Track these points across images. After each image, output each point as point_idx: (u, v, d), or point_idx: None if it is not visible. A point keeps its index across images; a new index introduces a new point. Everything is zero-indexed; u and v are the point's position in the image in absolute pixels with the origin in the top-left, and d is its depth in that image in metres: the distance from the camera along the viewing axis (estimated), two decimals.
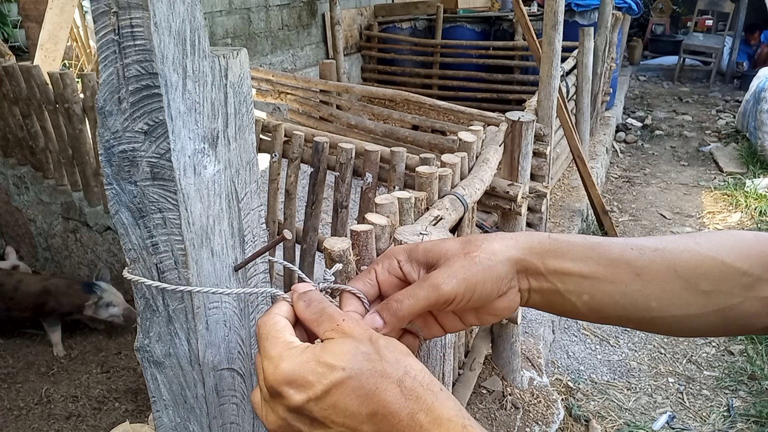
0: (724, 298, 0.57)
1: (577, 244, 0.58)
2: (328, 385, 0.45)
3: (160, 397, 0.63)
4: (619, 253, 0.58)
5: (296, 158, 2.74)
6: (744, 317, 0.57)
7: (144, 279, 0.57)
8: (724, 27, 10.51)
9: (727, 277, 0.57)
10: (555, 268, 0.58)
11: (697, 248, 0.57)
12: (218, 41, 5.49)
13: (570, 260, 0.58)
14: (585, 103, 4.79)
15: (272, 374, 0.47)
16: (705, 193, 5.46)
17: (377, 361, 0.46)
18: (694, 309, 0.57)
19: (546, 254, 0.58)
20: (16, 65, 3.35)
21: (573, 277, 0.58)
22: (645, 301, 0.57)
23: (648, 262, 0.57)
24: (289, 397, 0.46)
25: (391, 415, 0.44)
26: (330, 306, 0.52)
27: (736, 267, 0.56)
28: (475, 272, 0.55)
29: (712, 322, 0.58)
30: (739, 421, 2.78)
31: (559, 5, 3.22)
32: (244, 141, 0.60)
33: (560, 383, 2.95)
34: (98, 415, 2.83)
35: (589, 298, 0.58)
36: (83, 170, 3.40)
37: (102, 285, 3.22)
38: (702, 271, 0.57)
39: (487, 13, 7.80)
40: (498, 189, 2.11)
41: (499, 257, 0.57)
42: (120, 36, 0.48)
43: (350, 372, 0.45)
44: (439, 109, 4.06)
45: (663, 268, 0.57)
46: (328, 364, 0.46)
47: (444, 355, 1.62)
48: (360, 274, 0.59)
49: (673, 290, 0.57)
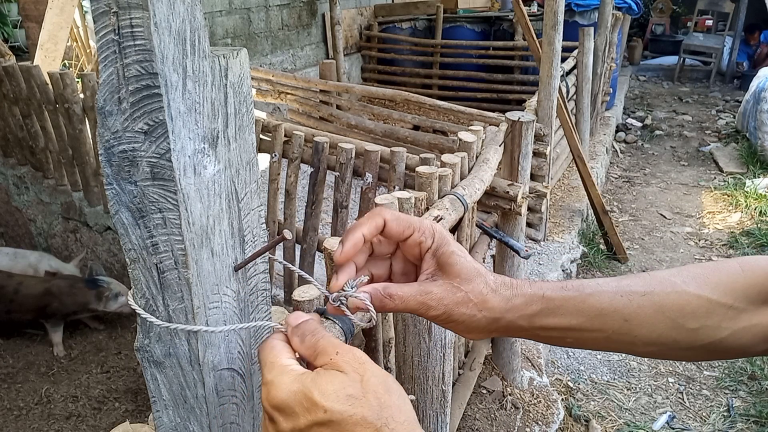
0: (711, 333, 0.59)
1: (570, 299, 0.59)
2: (310, 423, 0.46)
3: (160, 397, 0.63)
4: (608, 303, 0.59)
5: (296, 158, 2.74)
6: (735, 347, 0.59)
7: (155, 320, 0.57)
8: (724, 27, 10.51)
9: (713, 313, 0.58)
10: (540, 325, 0.60)
11: (684, 287, 0.59)
12: (218, 41, 5.49)
13: (558, 316, 0.59)
14: (585, 103, 4.79)
15: (265, 399, 0.49)
16: (705, 193, 5.46)
17: (360, 406, 0.46)
18: (681, 345, 0.60)
19: (536, 315, 0.60)
20: (16, 65, 3.35)
21: (559, 329, 0.60)
22: (631, 341, 0.60)
23: (636, 307, 0.59)
24: (279, 422, 0.48)
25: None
26: (323, 338, 0.52)
27: (722, 302, 0.58)
28: (461, 312, 0.58)
29: (700, 354, 0.61)
30: (739, 421, 2.78)
31: (559, 5, 3.22)
32: (244, 141, 0.60)
33: (560, 383, 2.95)
34: (98, 415, 2.83)
35: (573, 341, 0.61)
36: (83, 170, 3.41)
37: (105, 278, 3.24)
38: (689, 310, 0.58)
39: (487, 13, 7.80)
40: (498, 189, 2.11)
41: (488, 313, 0.59)
42: (120, 36, 0.48)
43: (330, 415, 0.45)
44: (439, 109, 4.06)
45: (651, 311, 0.59)
46: (313, 401, 0.46)
47: (444, 355, 1.62)
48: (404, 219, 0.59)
49: (660, 330, 0.59)
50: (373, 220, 0.58)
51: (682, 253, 4.37)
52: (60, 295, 3.18)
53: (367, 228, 0.58)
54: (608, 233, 4.13)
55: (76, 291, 3.19)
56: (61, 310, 3.19)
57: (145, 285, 0.58)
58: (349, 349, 0.50)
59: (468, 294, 0.58)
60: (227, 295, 0.61)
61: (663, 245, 4.50)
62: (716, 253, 4.34)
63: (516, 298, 0.59)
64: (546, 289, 0.60)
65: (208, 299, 0.59)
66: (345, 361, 0.49)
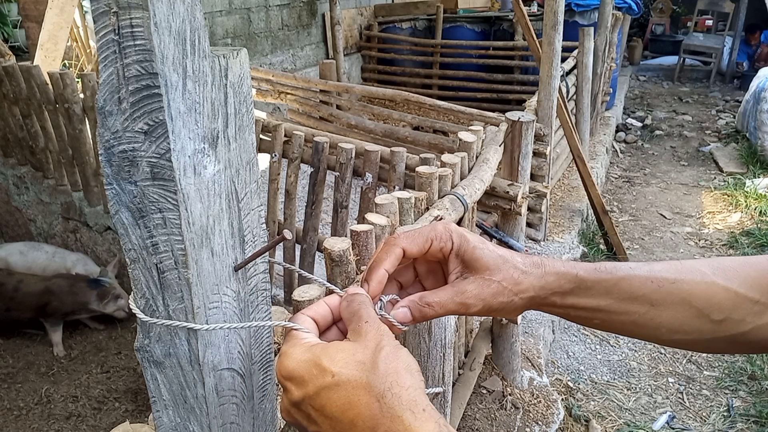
0: (735, 326, 0.59)
1: (602, 280, 0.60)
2: (318, 388, 0.48)
3: (160, 397, 0.63)
4: (638, 288, 0.60)
5: (296, 158, 2.74)
6: (756, 341, 0.60)
7: (174, 321, 0.57)
8: (724, 27, 10.51)
9: (739, 307, 0.59)
10: (572, 303, 0.61)
11: (713, 278, 0.60)
12: (218, 41, 5.49)
13: (589, 296, 0.60)
14: (585, 103, 4.79)
15: (278, 368, 0.51)
16: (705, 193, 5.46)
17: (367, 371, 0.47)
18: (704, 335, 0.60)
19: (569, 293, 0.60)
20: (16, 65, 3.35)
21: (588, 310, 0.61)
22: (655, 327, 0.61)
23: (665, 294, 0.60)
24: (290, 391, 0.50)
25: (367, 429, 0.46)
26: (364, 308, 0.54)
27: (749, 297, 0.59)
28: (499, 301, 0.59)
29: (721, 345, 0.62)
30: (739, 421, 2.78)
31: (559, 5, 3.22)
32: (244, 141, 0.60)
33: (560, 383, 2.95)
34: (98, 415, 2.83)
35: (600, 323, 0.62)
36: (83, 170, 3.40)
37: (107, 279, 3.25)
38: (716, 301, 0.59)
39: (487, 13, 7.80)
40: (498, 189, 2.11)
41: (524, 295, 0.60)
42: (120, 36, 0.48)
43: (338, 379, 0.47)
44: (439, 109, 4.06)
45: (678, 300, 0.59)
46: (322, 367, 0.48)
47: (444, 355, 1.62)
48: (418, 236, 0.60)
49: (685, 319, 0.60)
50: (392, 254, 0.59)
51: (682, 253, 4.37)
52: (60, 293, 3.18)
53: (389, 263, 0.59)
54: (608, 233, 4.13)
55: (76, 290, 3.20)
56: (61, 309, 3.19)
57: (145, 285, 0.58)
58: (377, 322, 0.53)
59: (501, 282, 0.59)
60: (227, 295, 0.61)
61: (663, 245, 4.50)
62: (716, 253, 4.34)
63: (548, 276, 0.60)
64: (579, 269, 0.60)
65: (208, 299, 0.59)
66: (367, 330, 0.51)
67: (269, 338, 0.69)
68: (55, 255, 3.43)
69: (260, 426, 0.70)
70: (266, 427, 0.72)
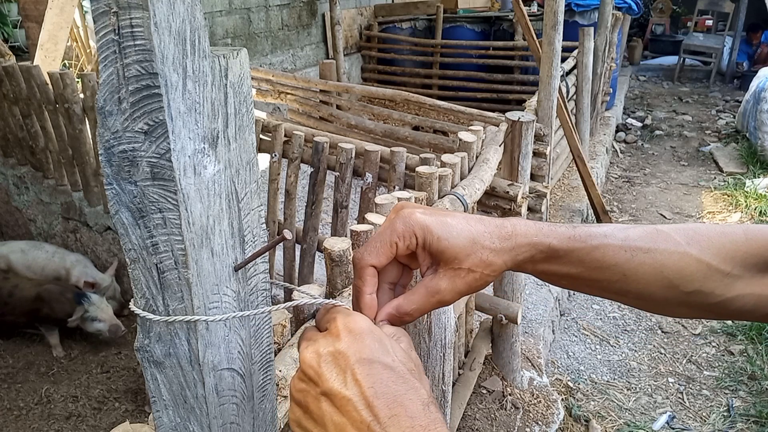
0: (704, 297, 0.59)
1: (576, 250, 0.59)
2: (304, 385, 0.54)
3: (160, 397, 0.63)
4: (611, 257, 0.59)
5: (296, 158, 2.74)
6: (722, 311, 0.60)
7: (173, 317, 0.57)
8: (724, 27, 10.51)
9: (709, 279, 0.59)
10: (543, 270, 0.61)
11: (687, 248, 0.59)
12: (218, 41, 5.49)
13: (561, 265, 0.60)
14: (585, 103, 4.79)
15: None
16: (705, 193, 5.46)
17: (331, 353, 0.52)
18: (671, 304, 0.61)
19: (542, 261, 0.60)
20: (16, 65, 3.35)
21: (559, 275, 0.61)
22: (623, 293, 0.61)
23: (637, 264, 0.59)
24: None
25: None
26: (336, 311, 0.56)
27: (720, 269, 0.59)
28: (475, 284, 0.59)
29: (685, 311, 0.62)
30: (739, 421, 2.78)
31: (559, 5, 3.22)
32: (244, 141, 0.60)
33: (560, 383, 2.95)
34: (98, 415, 2.83)
35: (568, 284, 0.62)
36: (83, 170, 3.40)
37: (92, 298, 3.12)
38: (688, 272, 0.59)
39: (487, 13, 7.80)
40: (498, 189, 2.11)
41: (496, 271, 0.59)
42: (120, 36, 0.48)
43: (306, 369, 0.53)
44: (439, 109, 4.06)
45: (650, 270, 0.59)
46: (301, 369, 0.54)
47: (444, 355, 1.62)
48: (381, 246, 0.59)
49: (655, 289, 0.60)
50: (366, 276, 0.59)
51: None
52: (50, 301, 3.13)
53: (368, 287, 0.59)
54: None
55: (64, 300, 3.13)
56: (51, 316, 3.15)
57: (145, 285, 0.58)
58: (345, 312, 0.55)
59: (472, 268, 0.58)
60: (227, 295, 0.61)
61: None
62: None
63: (519, 248, 0.59)
64: (552, 237, 0.59)
65: (208, 299, 0.59)
66: (336, 323, 0.53)
67: (269, 338, 0.69)
68: (55, 255, 3.43)
69: (260, 426, 0.70)
70: (266, 427, 0.72)
